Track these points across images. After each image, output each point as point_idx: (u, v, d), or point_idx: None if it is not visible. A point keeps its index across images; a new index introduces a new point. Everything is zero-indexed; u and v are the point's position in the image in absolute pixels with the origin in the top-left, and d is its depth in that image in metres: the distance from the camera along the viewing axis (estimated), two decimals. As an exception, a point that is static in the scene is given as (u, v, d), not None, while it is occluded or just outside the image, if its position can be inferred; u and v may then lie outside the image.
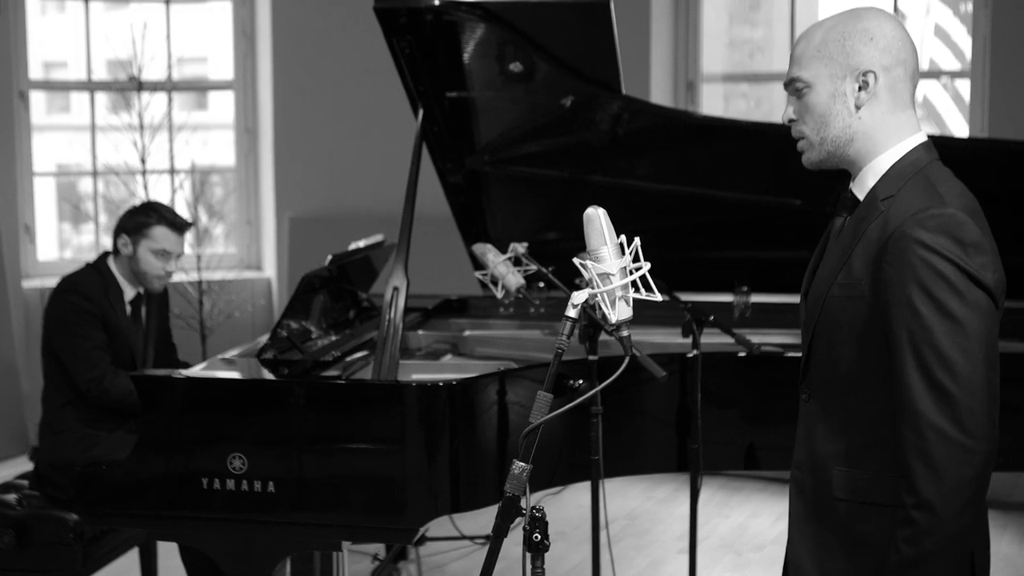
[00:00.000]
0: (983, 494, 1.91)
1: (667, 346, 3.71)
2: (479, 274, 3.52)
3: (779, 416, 3.53)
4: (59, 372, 3.80)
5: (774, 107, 6.58)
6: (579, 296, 1.95)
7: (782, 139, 3.92)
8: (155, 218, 3.87)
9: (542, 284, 4.08)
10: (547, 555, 1.99)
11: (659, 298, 1.94)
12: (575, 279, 3.29)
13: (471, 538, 4.80)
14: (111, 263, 3.90)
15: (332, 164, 6.73)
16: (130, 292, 3.91)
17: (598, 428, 3.13)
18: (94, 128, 6.74)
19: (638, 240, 1.94)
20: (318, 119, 6.71)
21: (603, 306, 1.94)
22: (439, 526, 4.68)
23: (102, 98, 6.84)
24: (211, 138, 7.34)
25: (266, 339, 3.44)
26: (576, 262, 1.97)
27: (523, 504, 1.96)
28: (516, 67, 3.80)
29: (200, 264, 6.40)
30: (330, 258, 3.65)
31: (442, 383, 3.01)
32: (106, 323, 3.79)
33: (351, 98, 6.61)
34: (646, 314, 3.70)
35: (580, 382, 3.19)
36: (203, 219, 6.67)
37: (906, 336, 1.90)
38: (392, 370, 3.16)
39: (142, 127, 6.30)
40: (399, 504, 2.98)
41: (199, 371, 3.35)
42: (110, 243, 3.96)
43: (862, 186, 2.08)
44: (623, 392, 3.41)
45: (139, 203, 4.01)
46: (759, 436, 3.59)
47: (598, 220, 1.93)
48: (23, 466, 5.22)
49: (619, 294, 1.94)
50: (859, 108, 2.03)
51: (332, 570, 3.36)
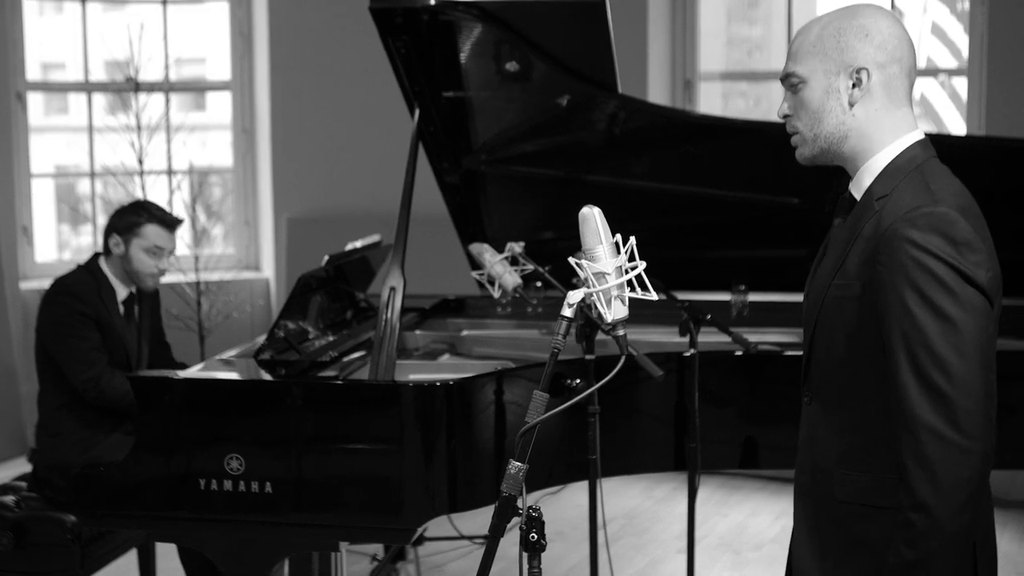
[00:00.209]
0: (982, 494, 1.89)
1: (664, 345, 3.71)
2: (476, 274, 3.52)
3: (777, 415, 3.53)
4: (54, 374, 3.79)
5: (772, 105, 6.58)
6: (575, 296, 1.95)
7: (779, 137, 3.92)
8: (145, 216, 3.87)
9: (539, 284, 4.08)
10: (545, 555, 1.99)
11: (655, 297, 1.93)
12: (572, 278, 3.28)
13: (470, 538, 4.80)
14: (103, 263, 3.90)
15: (330, 164, 6.73)
16: (123, 292, 3.91)
17: (595, 427, 3.13)
18: (91, 129, 6.74)
19: (633, 239, 1.94)
20: (316, 119, 6.71)
21: (599, 305, 1.94)
22: (438, 526, 4.68)
23: (100, 99, 6.83)
24: (209, 139, 7.34)
25: (263, 340, 3.45)
26: (572, 261, 1.96)
27: (520, 504, 1.96)
28: (512, 66, 3.80)
29: (198, 265, 6.40)
30: (327, 258, 3.65)
31: (439, 383, 3.01)
32: (100, 324, 3.79)
33: (348, 98, 6.61)
34: (644, 313, 3.70)
35: (577, 381, 3.19)
36: (201, 220, 6.67)
37: (900, 337, 1.88)
38: (389, 370, 3.16)
39: (139, 128, 6.29)
40: (396, 504, 2.98)
41: (196, 372, 3.35)
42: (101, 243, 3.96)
43: (859, 186, 2.06)
44: (620, 391, 3.41)
45: (127, 203, 4.00)
46: (757, 435, 3.59)
47: (593, 219, 1.93)
48: (21, 468, 5.22)
49: (615, 293, 1.93)
50: (852, 105, 2.02)
51: (330, 570, 3.35)
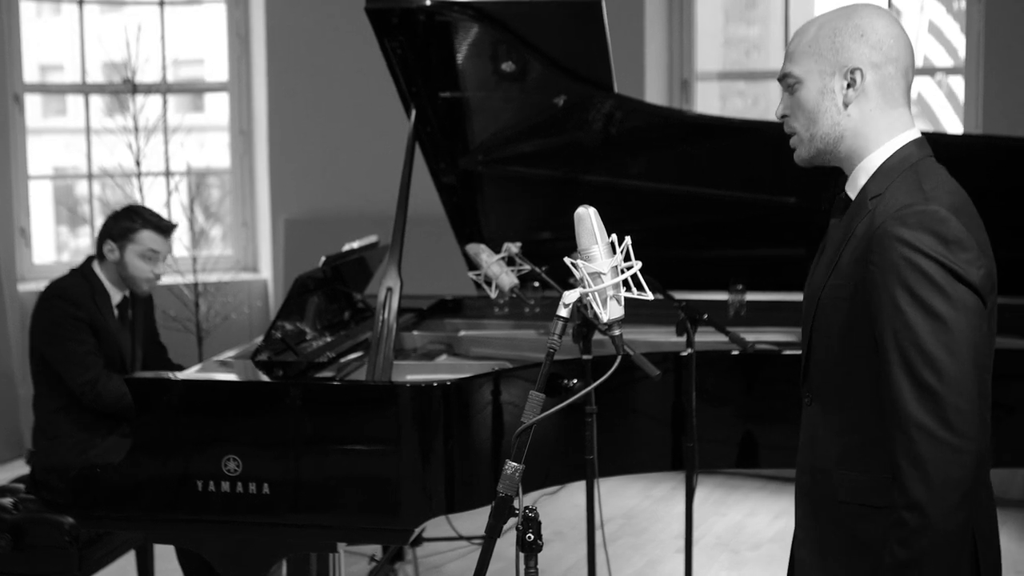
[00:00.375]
0: (976, 493, 1.88)
1: (662, 345, 3.71)
2: (473, 274, 3.52)
3: (774, 414, 3.54)
4: (50, 378, 3.79)
5: (770, 105, 6.57)
6: (570, 296, 1.95)
7: (775, 137, 3.92)
8: (140, 222, 3.86)
9: (536, 284, 4.08)
10: (544, 555, 1.99)
11: (650, 297, 1.93)
12: (569, 279, 3.29)
13: (468, 538, 4.80)
14: (96, 267, 3.89)
15: (327, 165, 6.73)
16: (117, 296, 3.90)
17: (593, 427, 3.13)
18: (89, 131, 6.74)
19: (629, 239, 1.94)
20: (313, 120, 6.71)
21: (594, 305, 1.94)
22: (436, 527, 4.68)
23: (98, 101, 6.83)
24: (208, 140, 7.33)
25: (260, 341, 3.45)
26: (567, 261, 1.96)
27: (516, 504, 1.95)
28: (509, 67, 3.80)
29: (196, 266, 6.40)
30: (324, 259, 3.65)
31: (436, 383, 3.01)
32: (94, 327, 3.78)
33: (346, 99, 6.61)
34: (641, 313, 3.71)
35: (575, 381, 3.19)
36: (200, 221, 6.66)
37: (891, 336, 1.88)
38: (386, 371, 3.16)
39: (136, 129, 6.29)
40: (394, 505, 2.98)
41: (193, 373, 3.35)
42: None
43: (854, 185, 2.06)
44: (617, 391, 3.41)
45: (121, 207, 3.99)
46: (754, 434, 3.59)
47: (589, 219, 1.93)
48: (19, 470, 5.21)
49: (610, 293, 1.93)
50: (847, 105, 2.02)
51: (328, 571, 3.35)
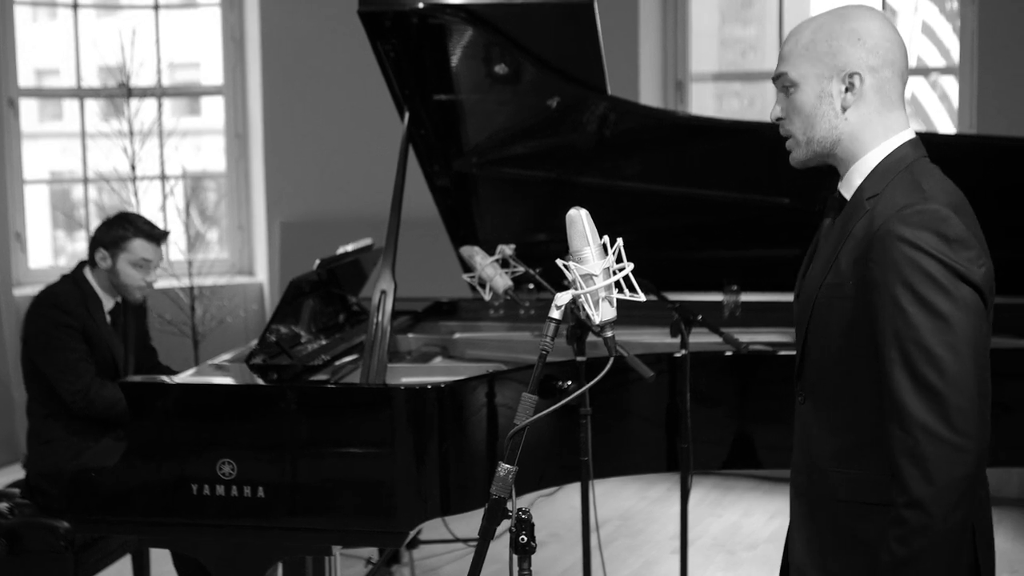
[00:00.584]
0: (976, 492, 1.89)
1: (656, 346, 3.71)
2: (467, 276, 3.52)
3: (769, 415, 3.53)
4: (42, 383, 3.78)
5: (766, 106, 6.58)
6: (562, 297, 1.95)
7: (769, 138, 3.92)
8: (132, 230, 3.85)
9: (531, 286, 4.08)
10: (540, 557, 1.99)
11: (642, 298, 1.93)
12: (563, 280, 3.29)
13: (464, 541, 4.79)
14: (88, 274, 3.87)
15: (323, 168, 6.73)
16: (108, 303, 3.89)
17: (587, 429, 3.13)
18: (84, 135, 6.73)
19: (620, 241, 1.94)
20: (308, 123, 6.70)
21: (587, 307, 1.94)
22: (433, 529, 4.68)
23: (95, 105, 6.83)
24: (204, 144, 7.33)
25: (255, 344, 3.44)
26: (559, 263, 1.97)
27: (510, 506, 1.96)
28: (501, 69, 3.80)
29: (192, 270, 6.40)
30: (318, 262, 3.65)
31: (430, 386, 3.01)
32: (86, 334, 3.77)
33: (341, 102, 6.61)
34: (635, 315, 3.71)
35: (569, 383, 3.19)
36: (196, 224, 6.66)
37: (892, 335, 1.88)
38: (380, 373, 3.16)
39: (132, 133, 6.29)
40: (389, 507, 2.98)
41: (187, 377, 3.35)
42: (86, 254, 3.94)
43: (849, 185, 2.06)
44: (612, 393, 3.41)
45: (113, 215, 3.98)
46: (749, 435, 3.59)
47: (580, 221, 1.93)
48: (14, 474, 5.20)
49: (602, 295, 1.93)
50: (845, 110, 2.02)
51: (324, 574, 3.35)
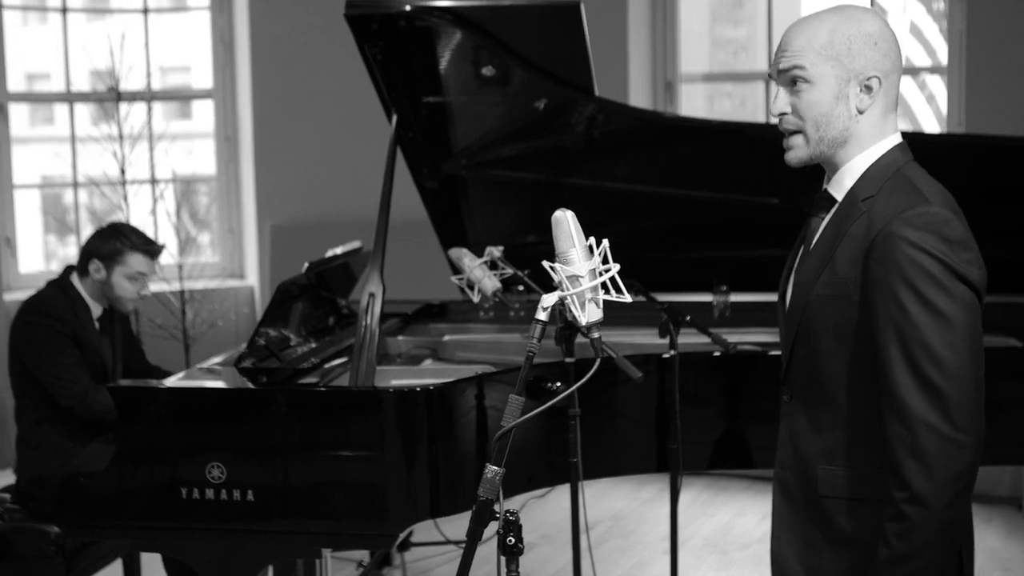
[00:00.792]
0: (971, 488, 1.93)
1: (646, 347, 3.72)
2: (455, 279, 3.53)
3: (758, 415, 3.54)
4: (31, 390, 3.77)
5: (758, 106, 6.57)
6: (548, 299, 1.96)
7: (757, 138, 3.95)
8: (128, 245, 3.82)
9: (521, 287, 4.08)
10: (531, 558, 1.99)
11: (628, 299, 1.94)
12: (552, 282, 3.29)
13: (456, 543, 4.79)
14: (76, 281, 3.85)
15: (313, 171, 6.72)
16: (97, 309, 3.87)
17: (576, 430, 3.13)
18: (74, 139, 6.73)
19: (606, 242, 1.95)
20: (298, 126, 6.70)
21: (573, 308, 1.95)
22: (424, 531, 4.68)
23: (86, 109, 6.81)
24: (196, 147, 7.32)
25: (244, 348, 3.44)
26: (545, 265, 1.98)
27: (497, 508, 1.96)
28: (489, 71, 3.80)
29: (182, 274, 6.39)
30: (307, 265, 3.65)
31: (419, 388, 3.01)
32: (76, 340, 3.77)
33: (331, 105, 6.60)
34: (626, 315, 3.71)
35: (558, 384, 3.19)
36: (187, 228, 6.65)
37: (894, 333, 1.92)
38: (369, 376, 3.16)
39: (121, 137, 6.28)
40: (378, 510, 2.98)
41: (176, 381, 3.34)
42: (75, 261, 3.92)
43: (839, 186, 2.09)
44: (601, 394, 3.41)
45: (106, 226, 3.94)
46: (739, 435, 3.60)
47: (566, 223, 1.94)
48: (5, 479, 5.20)
49: (588, 296, 1.94)
50: (861, 112, 2.05)
51: (315, 577, 3.36)
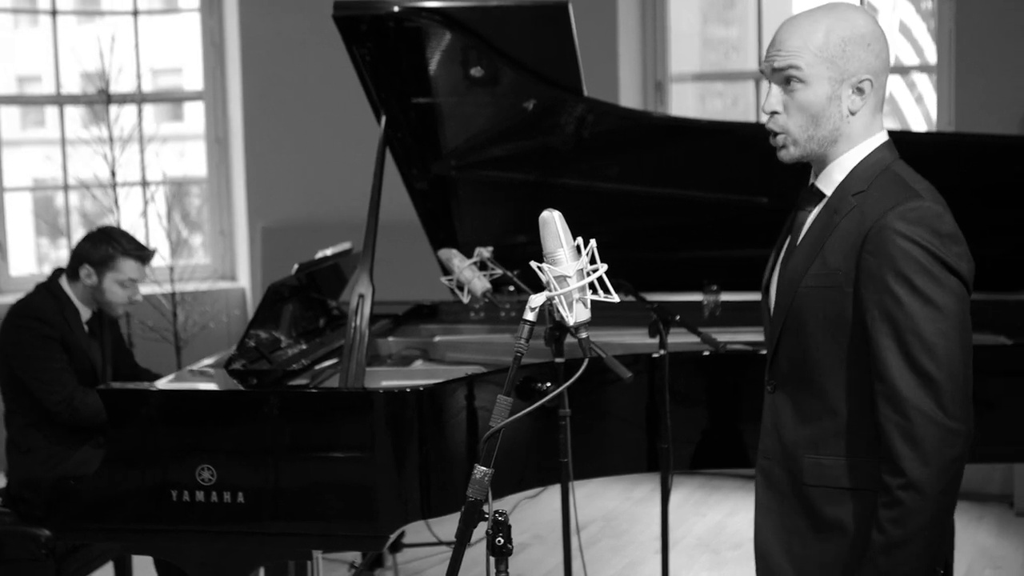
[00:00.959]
0: (961, 476, 1.99)
1: (635, 347, 3.72)
2: (445, 279, 3.53)
3: (749, 414, 3.54)
4: (20, 394, 3.75)
5: (750, 106, 6.57)
6: (536, 299, 1.96)
7: (747, 138, 3.96)
8: (120, 250, 3.80)
9: (511, 288, 4.08)
10: (523, 558, 2.00)
11: (616, 299, 1.94)
12: (542, 283, 3.30)
13: (448, 544, 4.79)
14: (65, 284, 3.83)
15: (304, 173, 6.72)
16: (86, 313, 3.86)
17: (566, 431, 3.13)
18: (64, 142, 6.72)
19: (594, 242, 1.95)
20: (289, 128, 6.69)
21: (561, 309, 1.95)
22: (416, 532, 4.68)
23: (77, 112, 6.80)
24: (187, 149, 7.32)
25: (234, 349, 3.44)
26: (533, 265, 1.98)
27: (486, 508, 1.96)
28: (478, 72, 3.80)
29: (173, 276, 6.38)
30: (296, 267, 3.65)
31: (409, 389, 3.01)
32: (65, 344, 3.75)
33: (321, 107, 6.60)
34: (615, 315, 3.71)
35: (547, 385, 3.20)
36: (179, 229, 6.64)
37: (888, 323, 1.97)
38: (359, 377, 3.16)
39: (111, 140, 6.27)
40: (369, 511, 2.98)
41: (165, 383, 3.34)
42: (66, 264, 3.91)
43: (828, 180, 2.13)
44: (591, 394, 3.42)
45: (96, 230, 3.92)
46: (728, 433, 3.60)
47: (554, 223, 1.95)
48: (-2, 483, 5.19)
49: (576, 296, 1.94)
50: (852, 113, 2.08)
51: (306, 579, 3.36)
